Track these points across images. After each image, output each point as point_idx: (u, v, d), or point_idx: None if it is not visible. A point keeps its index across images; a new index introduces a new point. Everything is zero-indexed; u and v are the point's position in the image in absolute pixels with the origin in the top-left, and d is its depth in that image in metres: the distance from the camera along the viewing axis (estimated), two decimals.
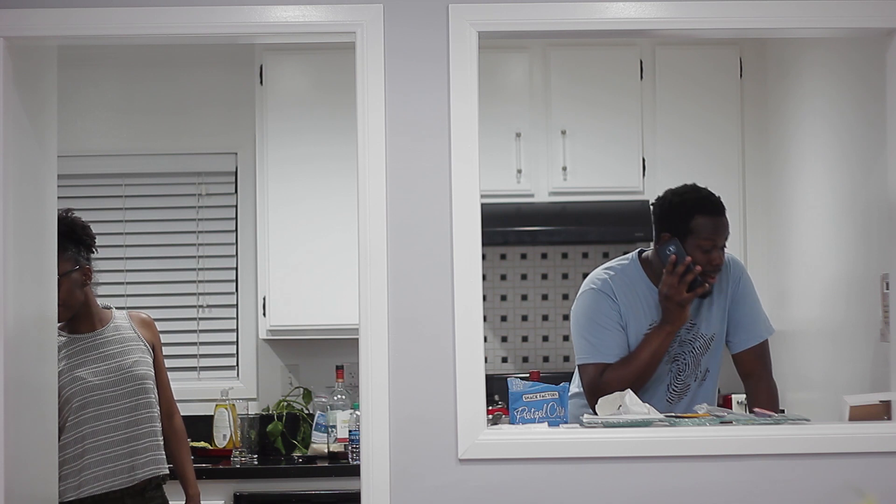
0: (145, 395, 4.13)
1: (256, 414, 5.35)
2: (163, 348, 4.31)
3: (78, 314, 4.13)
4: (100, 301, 4.24)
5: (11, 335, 3.32)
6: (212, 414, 5.24)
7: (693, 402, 3.82)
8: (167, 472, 4.19)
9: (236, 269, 5.61)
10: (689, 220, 3.75)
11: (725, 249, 3.79)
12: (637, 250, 3.96)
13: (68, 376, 4.04)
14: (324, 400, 5.30)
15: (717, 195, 3.81)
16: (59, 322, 3.93)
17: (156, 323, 4.34)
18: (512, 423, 3.51)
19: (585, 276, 5.72)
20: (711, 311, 3.86)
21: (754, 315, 3.90)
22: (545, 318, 5.69)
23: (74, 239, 4.09)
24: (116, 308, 4.29)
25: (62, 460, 3.97)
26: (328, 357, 5.46)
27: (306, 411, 5.40)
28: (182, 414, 4.38)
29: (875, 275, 3.75)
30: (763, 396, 3.85)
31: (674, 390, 3.84)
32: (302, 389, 5.47)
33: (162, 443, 4.18)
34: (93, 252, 4.18)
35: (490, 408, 4.82)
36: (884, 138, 3.48)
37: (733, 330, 3.88)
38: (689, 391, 3.85)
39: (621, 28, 3.42)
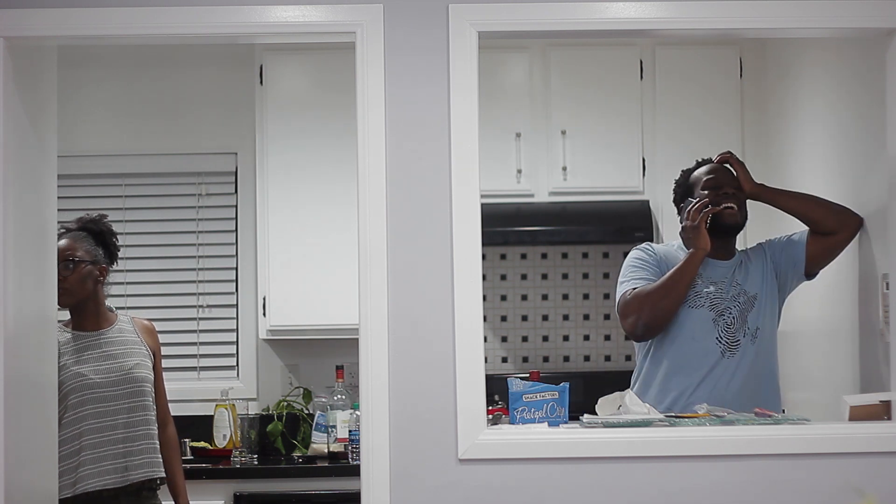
0: (143, 398, 4.15)
1: (256, 414, 5.34)
2: (162, 349, 4.32)
3: (84, 311, 4.18)
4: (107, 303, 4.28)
5: (11, 335, 3.33)
6: (212, 414, 5.24)
7: (749, 362, 3.90)
8: (163, 475, 4.20)
9: (236, 269, 5.61)
10: (687, 179, 4.10)
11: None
12: None
13: (69, 372, 4.07)
14: (324, 400, 5.30)
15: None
16: (58, 306, 4.01)
17: (155, 324, 4.36)
18: (512, 423, 3.51)
19: (586, 276, 5.81)
20: (750, 270, 3.99)
21: (790, 236, 4.07)
22: (545, 318, 5.69)
23: (101, 240, 4.22)
24: (120, 311, 4.33)
25: (59, 456, 3.98)
26: (328, 357, 5.46)
27: (306, 411, 5.40)
28: (182, 414, 4.39)
29: (875, 275, 3.75)
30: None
31: (725, 343, 3.90)
32: (302, 389, 5.47)
33: (158, 446, 4.19)
34: (114, 263, 4.27)
35: (490, 408, 4.81)
36: (884, 138, 3.49)
37: (789, 253, 4.01)
38: (739, 347, 3.90)
39: (621, 28, 3.42)
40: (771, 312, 4.00)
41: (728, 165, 4.06)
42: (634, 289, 3.94)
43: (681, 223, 4.02)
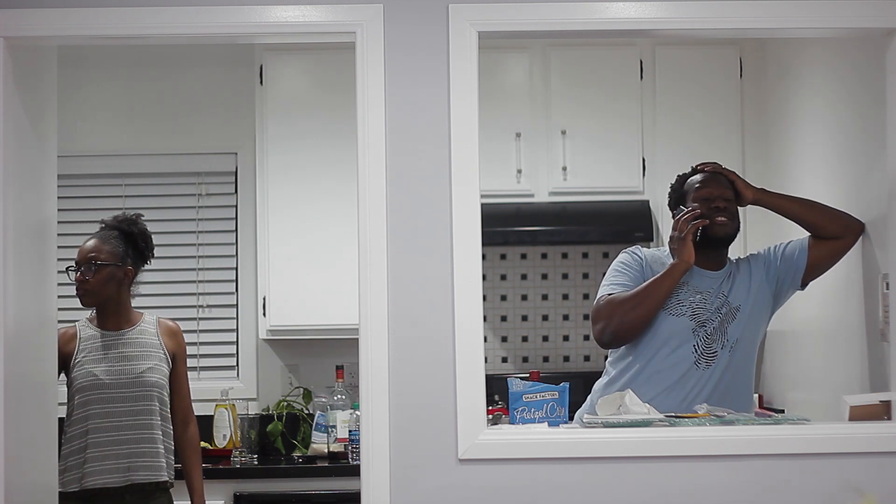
0: (149, 403, 4.18)
1: (256, 414, 5.35)
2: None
3: (106, 311, 4.24)
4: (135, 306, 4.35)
5: (11, 335, 3.33)
6: (212, 414, 5.24)
7: (721, 373, 3.86)
8: (165, 479, 4.22)
9: (236, 269, 5.61)
10: (682, 186, 4.05)
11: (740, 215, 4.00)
12: None
13: (82, 370, 4.14)
14: (324, 400, 5.30)
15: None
16: (82, 306, 4.18)
17: None
18: (512, 423, 3.51)
19: (586, 276, 5.81)
20: (736, 281, 3.95)
21: (787, 244, 4.03)
22: (545, 318, 5.69)
23: (131, 241, 4.27)
24: (147, 312, 4.38)
25: (68, 451, 4.12)
26: (328, 357, 5.46)
27: (306, 411, 5.40)
28: None
29: (875, 275, 3.75)
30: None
31: (700, 353, 3.87)
32: (302, 389, 5.47)
33: (162, 451, 4.22)
34: (146, 262, 4.33)
35: (490, 408, 4.82)
36: (884, 138, 3.49)
37: (789, 261, 3.98)
38: (717, 359, 3.87)
39: (621, 28, 3.42)
40: (754, 324, 3.95)
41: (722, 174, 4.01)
42: (610, 294, 3.92)
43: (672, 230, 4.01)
